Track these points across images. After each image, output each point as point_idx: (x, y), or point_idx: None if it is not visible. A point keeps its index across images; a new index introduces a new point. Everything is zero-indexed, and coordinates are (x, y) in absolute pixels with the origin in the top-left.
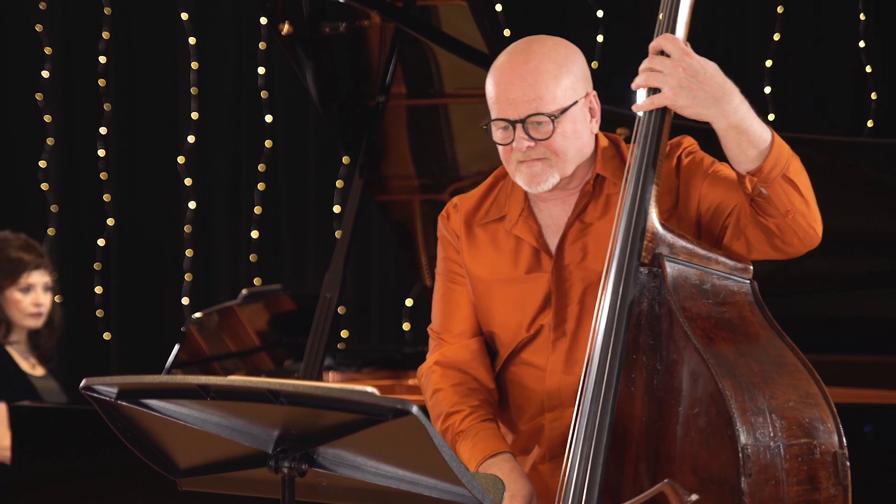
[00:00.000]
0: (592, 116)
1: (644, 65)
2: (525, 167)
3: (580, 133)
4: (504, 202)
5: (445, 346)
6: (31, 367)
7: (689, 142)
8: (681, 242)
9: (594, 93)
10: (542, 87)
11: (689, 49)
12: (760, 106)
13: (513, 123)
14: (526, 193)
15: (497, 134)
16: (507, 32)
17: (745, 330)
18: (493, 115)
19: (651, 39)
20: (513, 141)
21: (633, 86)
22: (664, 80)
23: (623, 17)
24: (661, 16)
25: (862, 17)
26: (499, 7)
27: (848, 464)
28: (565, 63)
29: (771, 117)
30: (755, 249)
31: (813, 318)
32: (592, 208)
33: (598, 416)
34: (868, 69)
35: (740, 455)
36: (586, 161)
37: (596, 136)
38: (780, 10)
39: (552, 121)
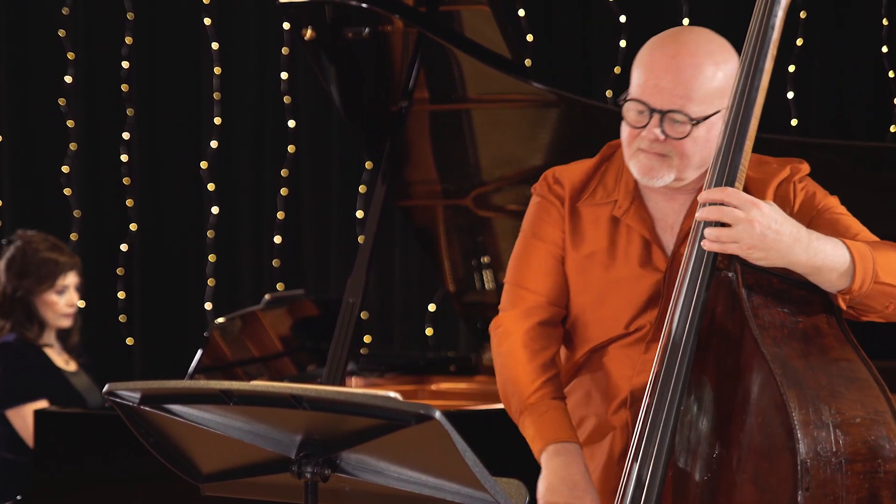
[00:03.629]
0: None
1: (707, 215)
2: (644, 156)
3: (711, 141)
4: (612, 186)
5: (527, 301)
6: (65, 364)
7: (805, 168)
8: None
9: None
10: (696, 86)
11: (755, 199)
12: (783, 111)
13: (651, 111)
14: (636, 182)
15: (630, 114)
16: (529, 37)
17: (818, 342)
18: (634, 95)
19: None
20: (644, 127)
21: (703, 245)
22: (738, 236)
23: (645, 22)
24: (751, 18)
25: (885, 22)
26: (521, 12)
27: None
28: (725, 64)
29: (794, 122)
30: None
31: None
32: None
33: (663, 419)
34: (891, 74)
35: (799, 468)
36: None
37: None
38: (802, 14)
39: (692, 124)
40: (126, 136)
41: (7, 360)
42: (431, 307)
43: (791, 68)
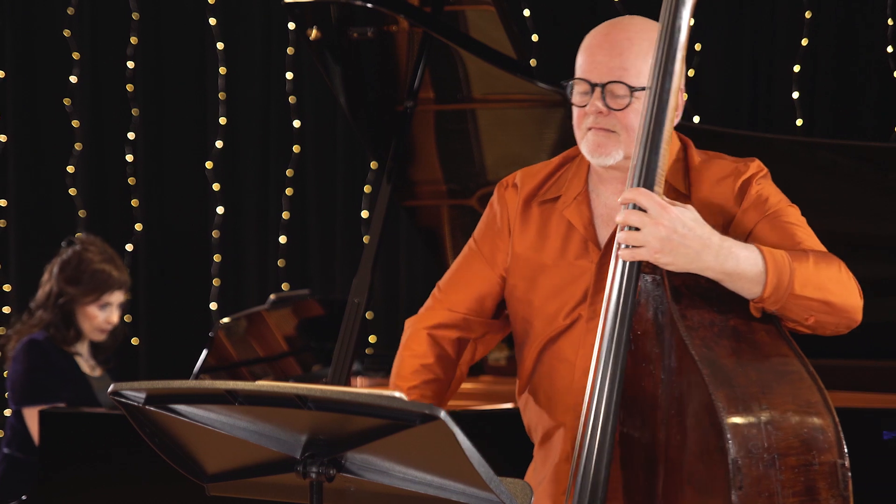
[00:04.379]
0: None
1: (620, 218)
2: (592, 134)
3: None
4: (564, 183)
5: (436, 306)
6: (91, 370)
7: (757, 167)
8: None
9: (685, 93)
10: (632, 58)
11: (664, 202)
12: (788, 111)
13: (592, 86)
14: (587, 177)
15: (575, 95)
16: (534, 37)
17: (749, 337)
18: (577, 74)
19: None
20: (588, 104)
21: (616, 246)
22: (643, 238)
23: None
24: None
25: (890, 22)
26: (527, 12)
27: (849, 474)
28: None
29: (799, 122)
30: None
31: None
32: None
33: (601, 428)
34: None
35: (731, 468)
36: None
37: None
38: (808, 14)
39: (631, 93)
40: (131, 136)
41: (32, 356)
42: None
43: (796, 68)
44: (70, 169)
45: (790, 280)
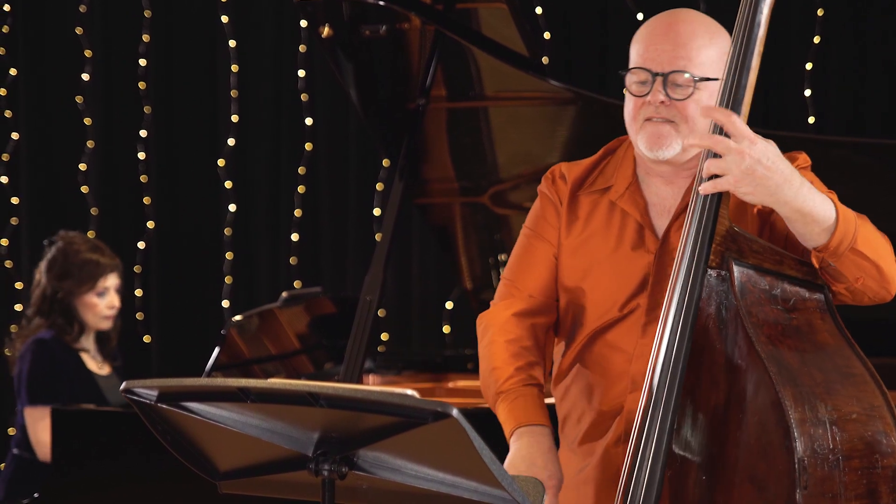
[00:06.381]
0: None
1: (706, 141)
2: (651, 125)
3: None
4: (611, 173)
5: (515, 295)
6: (98, 367)
7: (803, 159)
8: (752, 246)
9: None
10: (694, 47)
11: (751, 133)
12: (800, 109)
13: (654, 76)
14: (635, 168)
15: (633, 85)
16: (546, 35)
17: (812, 338)
18: (634, 64)
19: None
20: (648, 94)
21: (696, 181)
22: (727, 166)
23: None
24: (737, 15)
25: None
26: (539, 9)
27: None
28: (718, 37)
29: (811, 120)
30: None
31: (862, 323)
32: None
33: (659, 422)
34: None
35: (797, 467)
36: None
37: None
38: (820, 12)
39: (694, 83)
40: (143, 133)
41: (38, 355)
42: (449, 305)
43: (808, 66)
44: (82, 167)
45: (854, 235)
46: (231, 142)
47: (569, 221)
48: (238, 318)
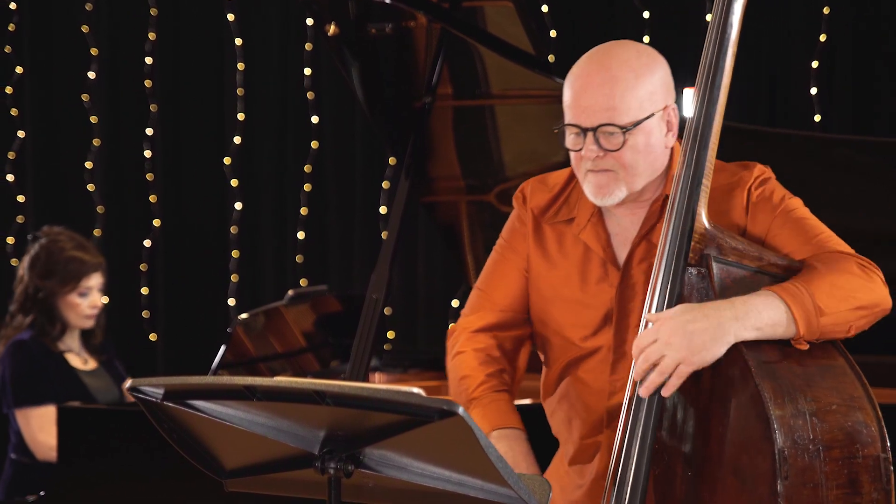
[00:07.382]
0: (669, 130)
1: (634, 349)
2: (592, 176)
3: (653, 147)
4: (574, 204)
5: (485, 306)
6: (83, 363)
7: (759, 171)
8: (730, 243)
9: (674, 106)
10: (618, 96)
11: (657, 317)
12: (806, 107)
13: (584, 131)
14: None
15: (569, 139)
16: (553, 33)
17: None
18: (567, 120)
19: (700, 40)
20: (582, 148)
21: (634, 377)
22: (661, 348)
23: (669, 18)
24: (710, 17)
25: None
26: (545, 8)
27: (892, 468)
28: (645, 73)
29: (817, 118)
30: None
31: None
32: (660, 229)
33: (643, 414)
34: None
35: (777, 458)
36: (659, 175)
37: (672, 148)
38: (825, 10)
39: (623, 133)
40: (149, 131)
41: (19, 358)
42: (455, 303)
43: (814, 64)
44: (88, 165)
45: (815, 306)
46: (237, 140)
47: (536, 250)
48: (244, 316)
